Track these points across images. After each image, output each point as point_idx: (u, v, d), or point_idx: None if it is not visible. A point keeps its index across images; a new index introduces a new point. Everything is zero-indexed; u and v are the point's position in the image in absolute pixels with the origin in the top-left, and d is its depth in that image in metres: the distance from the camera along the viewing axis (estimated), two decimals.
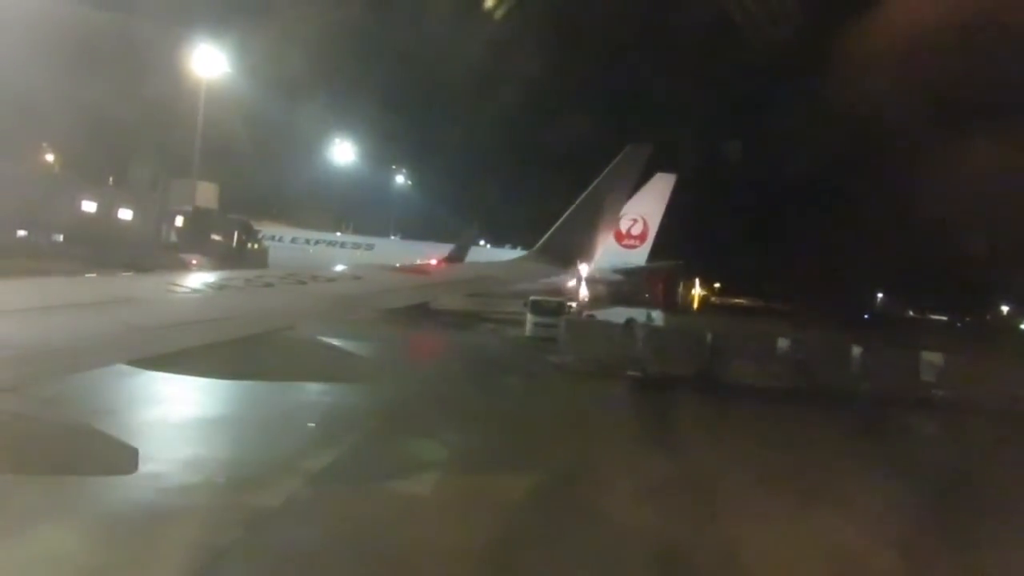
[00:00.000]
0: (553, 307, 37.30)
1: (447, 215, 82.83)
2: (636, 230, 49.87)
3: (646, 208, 49.62)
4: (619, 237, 49.66)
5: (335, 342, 5.61)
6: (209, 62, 38.57)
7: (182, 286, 4.71)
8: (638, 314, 39.32)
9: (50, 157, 52.27)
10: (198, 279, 4.97)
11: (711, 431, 18.84)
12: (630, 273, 49.62)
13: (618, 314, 37.57)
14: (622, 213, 49.47)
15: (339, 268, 9.28)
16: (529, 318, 36.83)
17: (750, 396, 23.57)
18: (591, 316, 37.37)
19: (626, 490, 13.03)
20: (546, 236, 10.35)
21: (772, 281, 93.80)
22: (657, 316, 40.17)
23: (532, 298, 38.34)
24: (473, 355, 31.29)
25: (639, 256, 49.88)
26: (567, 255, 10.37)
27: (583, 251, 10.52)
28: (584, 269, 11.44)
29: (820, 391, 24.15)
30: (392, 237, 56.62)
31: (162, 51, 38.82)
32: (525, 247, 19.63)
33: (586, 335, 28.30)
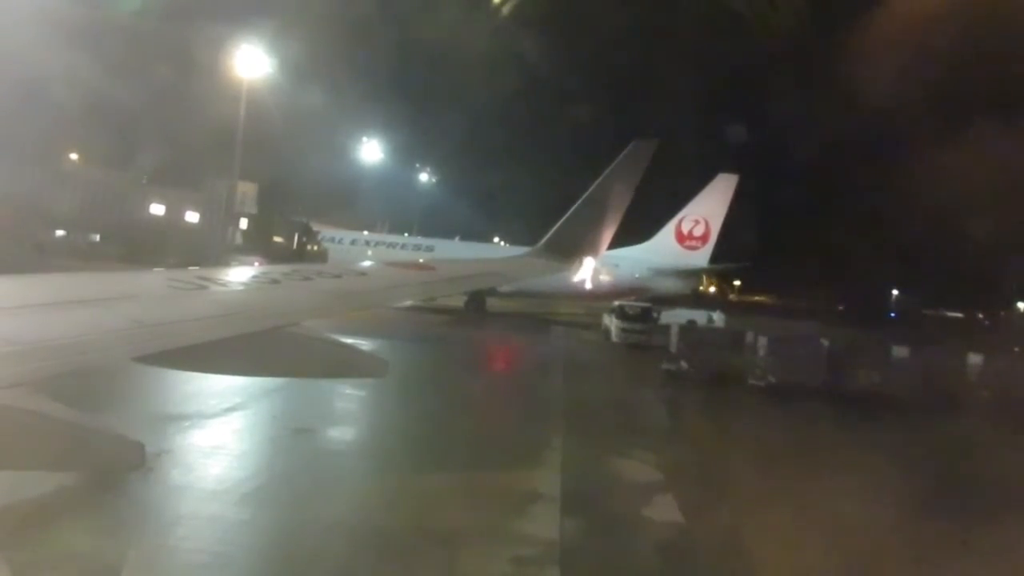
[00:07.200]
0: (639, 313, 37.33)
1: (476, 214, 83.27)
2: (698, 231, 48.75)
3: (708, 209, 48.57)
4: (681, 238, 48.75)
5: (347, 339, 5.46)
6: (250, 64, 38.74)
7: (187, 282, 4.57)
8: (699, 316, 38.70)
9: (74, 156, 53.71)
10: (204, 275, 4.82)
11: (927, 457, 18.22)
12: (689, 275, 48.82)
13: (678, 316, 37.07)
14: (683, 215, 48.85)
15: None
16: (615, 323, 36.79)
17: (892, 409, 23.16)
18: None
19: None
20: (551, 232, 10.13)
21: (789, 278, 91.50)
22: (718, 317, 39.42)
23: (617, 303, 38.65)
24: (584, 364, 31.45)
25: (701, 257, 48.77)
26: (572, 251, 10.13)
27: (588, 247, 10.26)
28: (589, 264, 11.16)
29: (944, 401, 23.58)
30: (455, 239, 56.58)
31: (187, 51, 39.28)
32: None
33: (700, 343, 28.24)
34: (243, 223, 45.77)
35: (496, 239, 70.11)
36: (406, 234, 62.80)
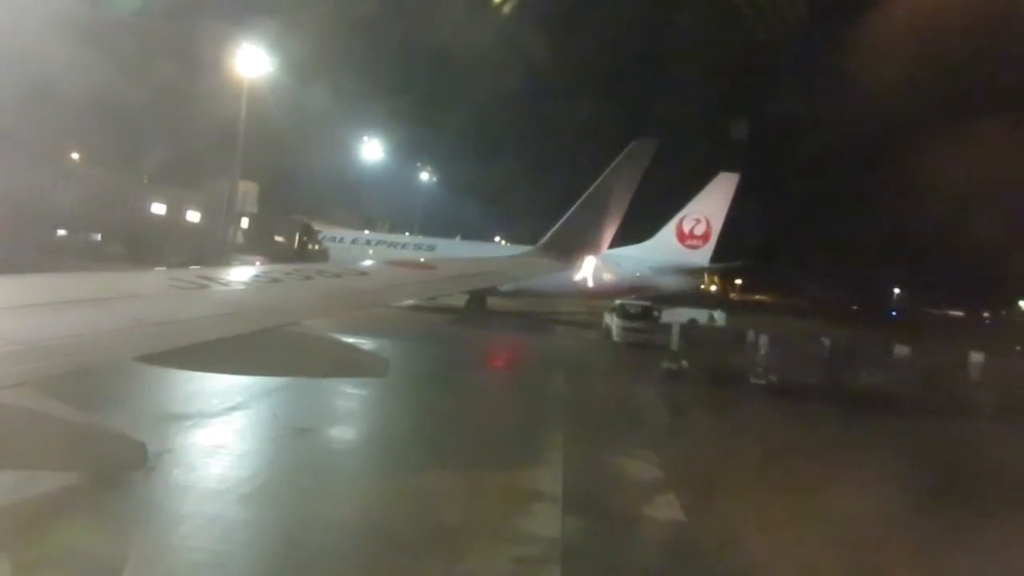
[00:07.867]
0: (640, 312, 37.34)
1: (477, 213, 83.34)
2: (699, 230, 48.64)
3: (709, 208, 48.45)
4: (681, 237, 48.64)
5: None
6: (251, 62, 38.50)
7: (188, 281, 4.55)
8: (700, 315, 38.70)
9: (75, 155, 53.70)
10: (205, 275, 4.81)
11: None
12: (691, 273, 48.79)
13: (679, 314, 37.07)
14: (684, 213, 48.78)
15: None
16: (616, 322, 36.77)
17: (893, 408, 23.14)
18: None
19: None
20: (551, 231, 10.15)
21: (790, 277, 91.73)
22: (719, 316, 39.41)
23: (619, 302, 38.68)
24: (585, 363, 31.38)
25: (702, 256, 48.69)
26: (573, 250, 10.14)
27: (589, 246, 10.28)
28: (590, 263, 11.31)
29: (946, 399, 23.74)
30: (456, 238, 56.61)
31: (188, 50, 39.13)
32: None
33: (701, 343, 28.42)
34: (244, 222, 45.80)
35: (497, 238, 70.17)
36: (407, 233, 62.71)
